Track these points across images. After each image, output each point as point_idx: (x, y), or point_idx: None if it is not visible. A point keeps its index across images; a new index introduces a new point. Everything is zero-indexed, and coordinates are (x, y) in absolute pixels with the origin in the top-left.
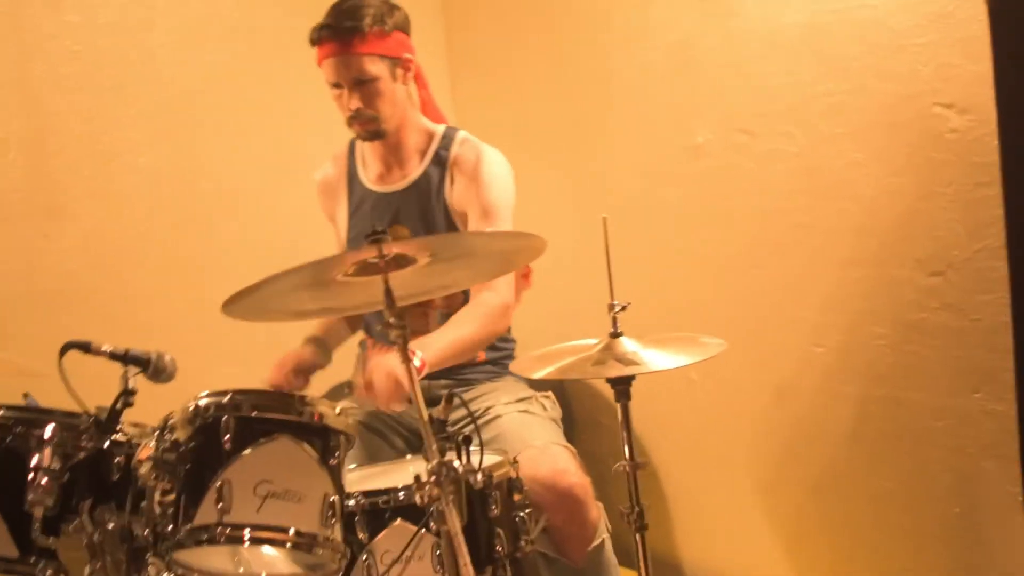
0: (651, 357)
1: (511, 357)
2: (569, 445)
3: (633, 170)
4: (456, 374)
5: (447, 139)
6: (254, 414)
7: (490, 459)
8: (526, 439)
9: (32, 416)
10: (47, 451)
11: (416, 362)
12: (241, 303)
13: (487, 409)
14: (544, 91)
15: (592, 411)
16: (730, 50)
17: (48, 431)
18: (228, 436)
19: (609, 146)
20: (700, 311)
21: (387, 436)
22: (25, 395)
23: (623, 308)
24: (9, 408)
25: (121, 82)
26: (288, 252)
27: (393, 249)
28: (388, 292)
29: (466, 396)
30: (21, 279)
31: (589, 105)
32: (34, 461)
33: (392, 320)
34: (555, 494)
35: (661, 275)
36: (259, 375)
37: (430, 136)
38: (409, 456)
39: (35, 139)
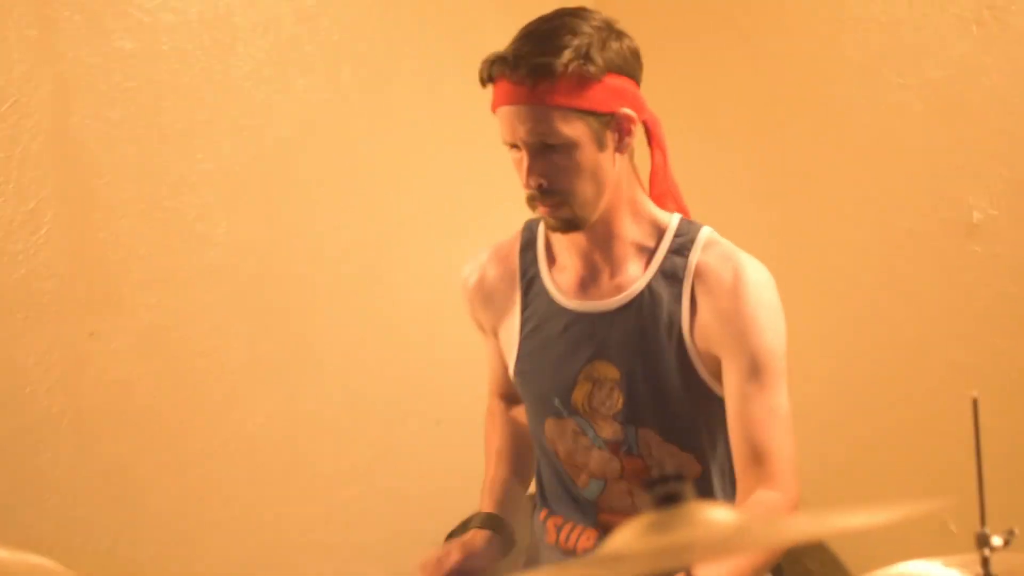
0: None
1: None
2: None
3: (873, 250)
4: None
5: (684, 238)
6: None
7: None
8: None
9: None
10: None
11: None
12: None
13: None
14: (745, 132)
15: None
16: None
17: None
18: None
19: (837, 214)
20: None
21: None
22: None
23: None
24: None
25: (189, 127)
26: (422, 364)
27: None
28: None
29: None
30: (60, 393)
31: (808, 156)
32: None
33: None
34: None
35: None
36: None
37: (658, 230)
38: None
39: (75, 208)
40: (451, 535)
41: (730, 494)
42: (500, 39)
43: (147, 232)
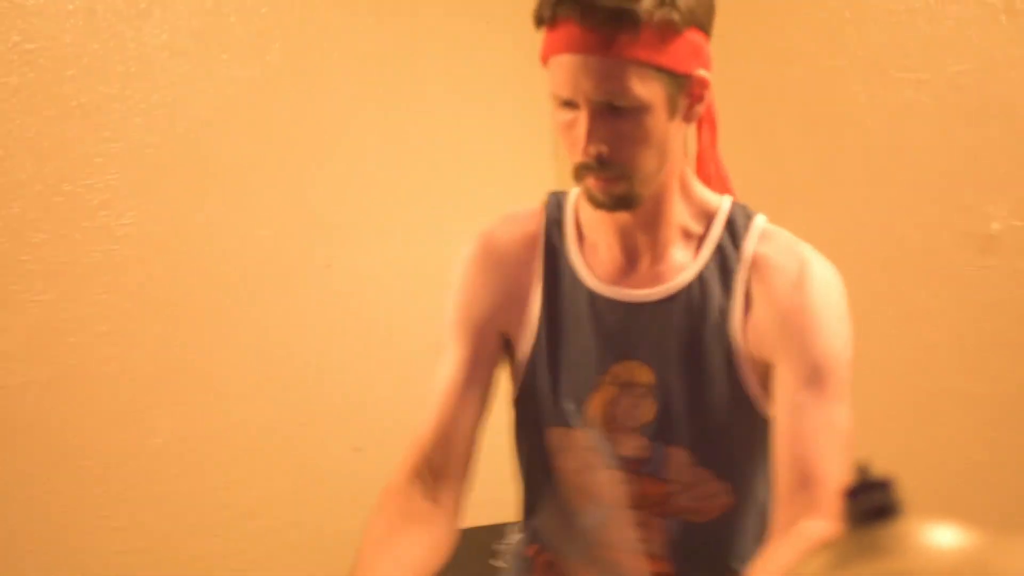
0: None
1: None
2: None
3: (877, 266)
4: None
5: (736, 225)
6: None
7: None
8: None
9: None
10: None
11: None
12: None
13: None
14: (734, 135)
15: None
16: None
17: None
18: None
19: (836, 226)
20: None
21: None
22: None
23: None
24: None
25: (96, 101)
26: (345, 381)
27: None
28: None
29: None
30: None
31: (806, 161)
32: None
33: None
34: None
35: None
36: None
37: (707, 214)
38: None
39: None
40: None
41: (762, 538)
42: (437, 17)
43: (42, 218)
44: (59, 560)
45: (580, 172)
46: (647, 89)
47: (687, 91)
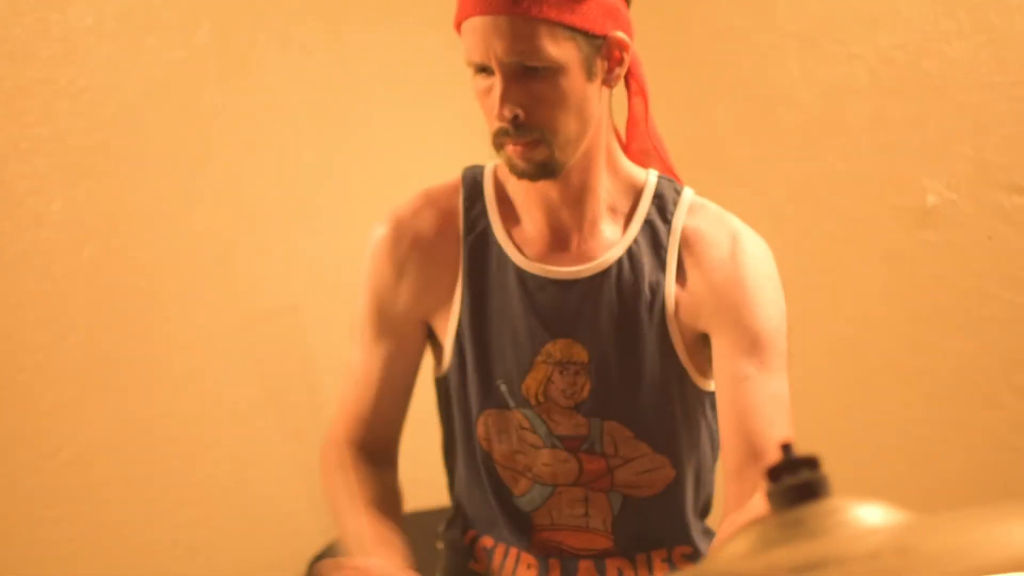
0: None
1: None
2: None
3: (813, 240)
4: None
5: (664, 199)
6: None
7: None
8: None
9: None
10: None
11: None
12: None
13: None
14: (665, 111)
15: None
16: (993, 61)
17: None
18: None
19: (771, 202)
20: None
21: None
22: None
23: None
24: None
25: (20, 86)
26: (283, 366)
27: None
28: None
29: None
30: None
31: (739, 137)
32: None
33: None
34: None
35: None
36: None
37: (634, 189)
38: None
39: None
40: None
41: (701, 509)
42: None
43: None
44: None
45: (498, 138)
46: (559, 49)
47: (604, 53)
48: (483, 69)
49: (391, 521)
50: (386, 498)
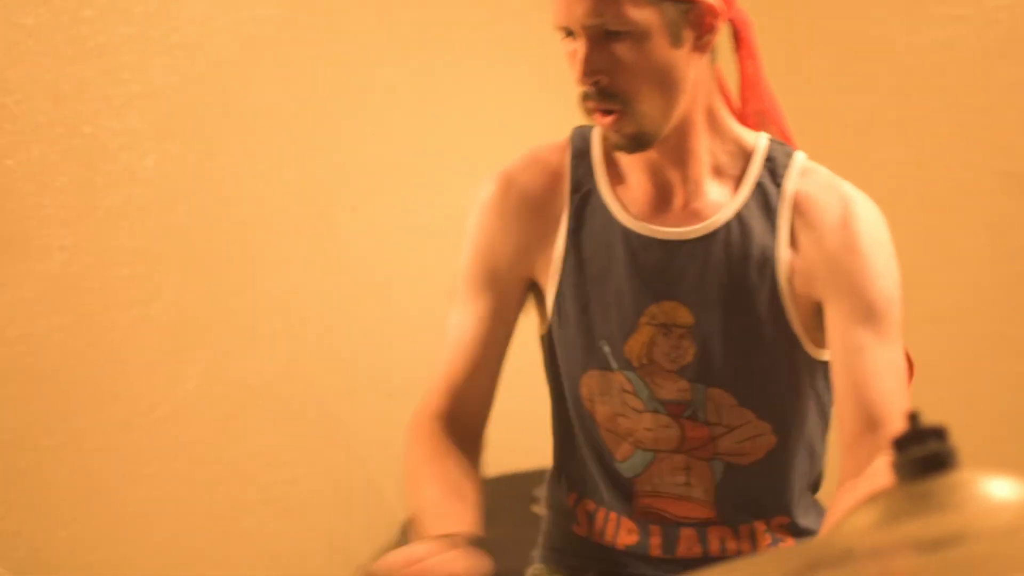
0: None
1: None
2: None
3: (916, 209)
4: None
5: (776, 163)
6: None
7: None
8: None
9: None
10: None
11: None
12: None
13: None
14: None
15: None
16: None
17: None
18: None
19: (872, 169)
20: None
21: None
22: None
23: None
24: None
25: (114, 42)
26: (377, 328)
27: None
28: None
29: None
30: None
31: (838, 101)
32: None
33: None
34: None
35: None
36: None
37: (743, 152)
38: None
39: None
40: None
41: (812, 484)
42: None
43: (62, 161)
44: (92, 511)
45: (584, 102)
46: (641, 13)
47: (691, 20)
48: (569, 33)
49: (466, 503)
50: (466, 477)
